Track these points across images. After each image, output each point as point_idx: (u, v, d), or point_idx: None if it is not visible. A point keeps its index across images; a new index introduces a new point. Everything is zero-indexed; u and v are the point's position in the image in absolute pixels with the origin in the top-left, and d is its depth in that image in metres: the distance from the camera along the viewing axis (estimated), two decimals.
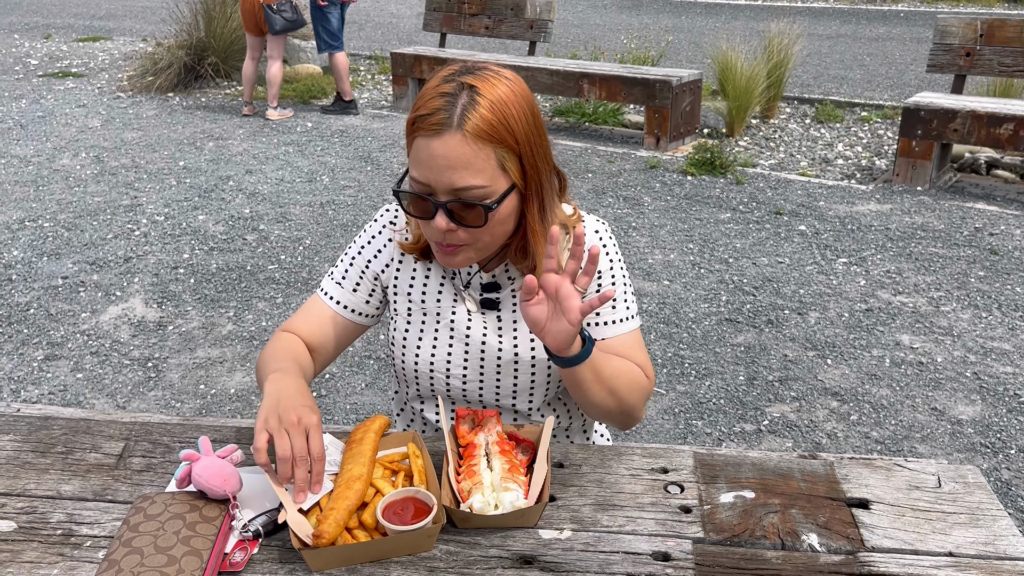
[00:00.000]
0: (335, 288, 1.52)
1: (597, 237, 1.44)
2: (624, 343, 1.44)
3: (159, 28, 11.39)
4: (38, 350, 3.62)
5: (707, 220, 5.01)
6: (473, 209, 1.25)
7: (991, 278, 4.18)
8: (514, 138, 1.24)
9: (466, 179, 1.22)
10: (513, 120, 1.24)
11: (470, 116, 1.20)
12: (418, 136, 1.24)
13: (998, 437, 2.95)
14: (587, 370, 1.29)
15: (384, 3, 16.23)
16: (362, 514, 1.19)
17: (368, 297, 1.51)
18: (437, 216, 1.25)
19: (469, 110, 1.21)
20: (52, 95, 8.50)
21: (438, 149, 1.21)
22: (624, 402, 1.37)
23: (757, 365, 3.44)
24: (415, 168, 1.25)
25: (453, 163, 1.21)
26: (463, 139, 1.20)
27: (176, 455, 1.39)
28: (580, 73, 6.77)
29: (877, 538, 1.20)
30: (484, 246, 1.32)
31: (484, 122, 1.21)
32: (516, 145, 1.25)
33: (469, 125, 1.20)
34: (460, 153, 1.21)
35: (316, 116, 7.71)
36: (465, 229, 1.27)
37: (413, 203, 1.28)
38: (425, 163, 1.23)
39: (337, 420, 3.13)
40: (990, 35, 5.61)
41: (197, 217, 5.14)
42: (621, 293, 1.44)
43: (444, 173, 1.22)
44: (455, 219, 1.25)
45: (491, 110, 1.22)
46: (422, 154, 1.23)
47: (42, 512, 1.26)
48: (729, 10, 14.79)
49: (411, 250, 1.45)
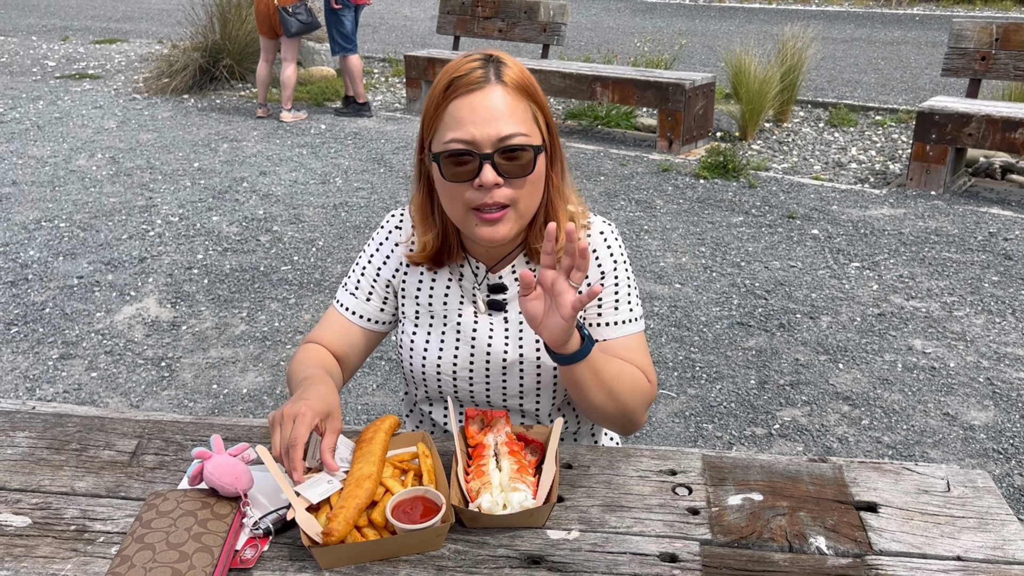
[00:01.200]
0: (349, 299, 1.54)
1: (603, 238, 1.45)
2: (626, 345, 1.44)
3: (175, 30, 11.47)
4: (53, 349, 3.65)
5: (719, 223, 5.00)
6: (518, 158, 1.29)
7: (1005, 283, 4.15)
8: (541, 100, 1.34)
9: (512, 126, 1.28)
10: (536, 86, 1.35)
11: (506, 72, 1.31)
12: (456, 98, 1.29)
13: (1011, 443, 2.94)
14: (586, 370, 1.30)
15: (398, 6, 16.29)
16: (371, 513, 1.20)
17: (383, 305, 1.53)
18: (484, 170, 1.27)
19: (503, 68, 1.31)
20: (69, 96, 8.58)
21: (482, 101, 1.28)
22: (624, 406, 1.38)
23: (768, 369, 3.44)
24: (454, 130, 1.29)
25: (498, 113, 1.28)
26: (505, 90, 1.29)
27: (188, 453, 1.41)
28: (593, 76, 6.77)
29: (885, 541, 1.20)
30: (524, 209, 1.33)
31: (519, 77, 1.32)
32: (543, 107, 1.34)
33: (508, 79, 1.30)
34: (504, 103, 1.28)
35: (330, 118, 7.74)
36: (510, 184, 1.29)
37: (455, 165, 1.29)
38: (468, 119, 1.28)
39: (348, 421, 3.15)
40: (1005, 39, 5.58)
41: (211, 218, 5.17)
42: (625, 295, 1.45)
43: (490, 124, 1.27)
44: (501, 172, 1.28)
45: (520, 72, 1.33)
46: (463, 112, 1.28)
47: (56, 508, 1.28)
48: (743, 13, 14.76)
49: (419, 260, 1.46)
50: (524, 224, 1.36)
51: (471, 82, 1.28)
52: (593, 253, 1.44)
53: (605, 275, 1.44)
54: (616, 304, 1.44)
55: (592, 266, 1.44)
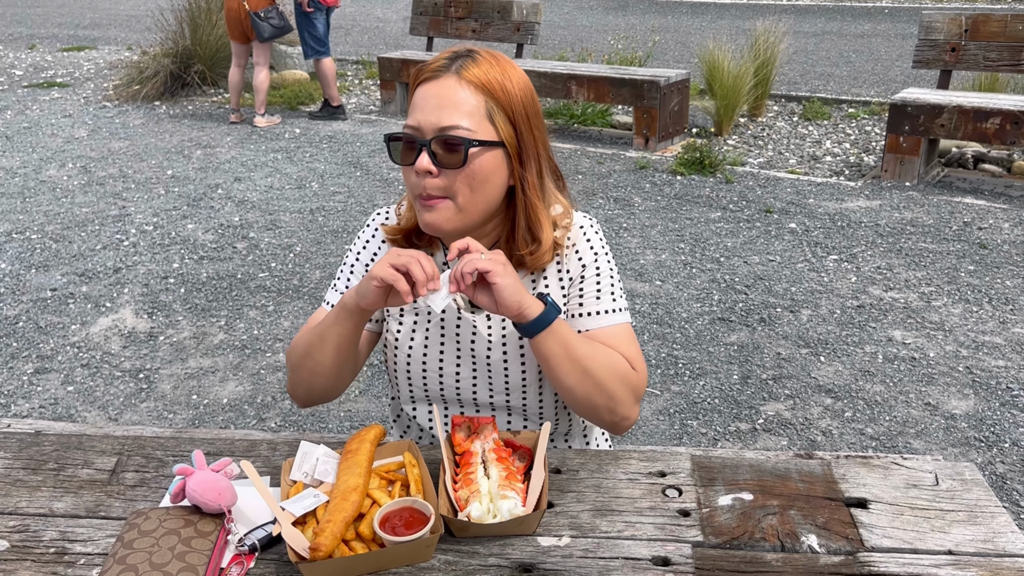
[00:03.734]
0: (337, 297, 1.51)
1: (582, 232, 1.45)
2: (611, 334, 1.41)
3: (144, 36, 11.34)
4: (28, 364, 3.59)
5: (697, 220, 5.01)
6: (454, 150, 1.29)
7: (981, 272, 4.19)
8: (508, 99, 1.32)
9: (452, 118, 1.28)
10: (509, 85, 1.33)
11: (466, 66, 1.32)
12: (419, 84, 1.33)
13: (992, 431, 2.96)
14: (554, 343, 1.30)
15: (370, 7, 16.21)
16: (359, 525, 1.18)
17: None
18: (420, 156, 1.29)
19: (467, 62, 1.32)
20: (38, 106, 8.45)
21: (432, 90, 1.31)
22: (604, 388, 1.33)
23: (751, 364, 3.45)
24: (409, 116, 1.33)
25: (443, 102, 1.29)
26: (456, 81, 1.30)
27: (169, 469, 1.38)
28: (568, 75, 6.77)
29: (876, 538, 1.19)
30: (464, 203, 1.32)
31: (479, 72, 1.31)
32: (510, 107, 1.32)
33: (464, 72, 1.31)
34: (451, 93, 1.29)
35: (304, 122, 7.69)
36: (445, 174, 1.30)
37: (401, 148, 1.33)
38: (418, 106, 1.31)
39: (332, 428, 3.12)
40: (975, 30, 5.64)
41: (186, 226, 5.11)
42: (608, 285, 1.44)
43: (434, 112, 1.29)
44: (436, 161, 1.29)
45: (487, 68, 1.32)
46: (419, 98, 1.32)
47: (35, 530, 1.25)
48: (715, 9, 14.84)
49: (395, 233, 1.45)
50: (469, 220, 1.34)
51: (431, 71, 1.32)
52: (573, 247, 1.44)
53: (586, 267, 1.43)
54: (598, 294, 1.43)
55: (572, 260, 1.44)
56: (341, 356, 1.39)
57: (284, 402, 3.28)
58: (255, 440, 1.46)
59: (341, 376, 1.44)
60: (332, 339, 1.37)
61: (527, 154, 1.36)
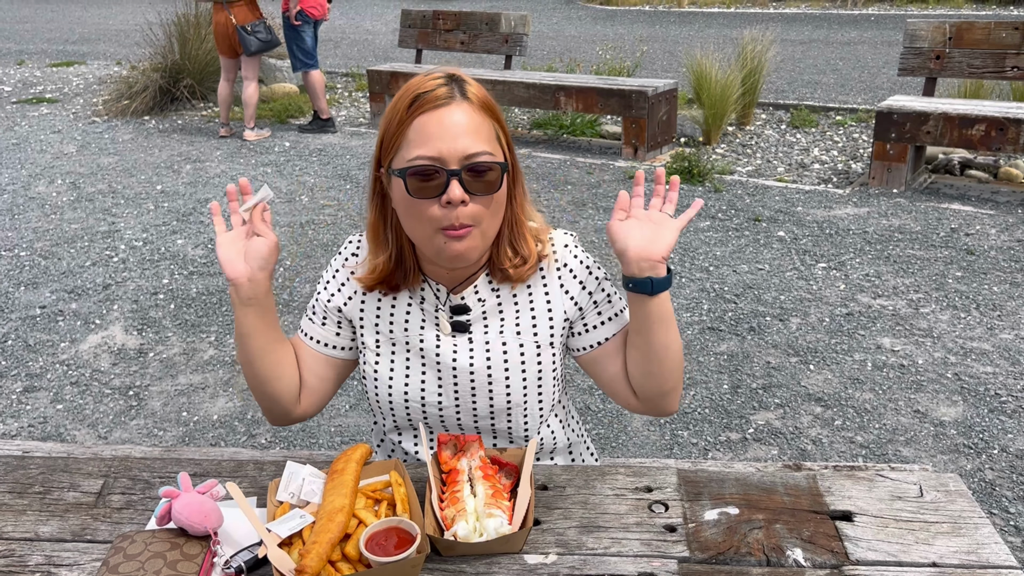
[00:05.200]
0: (308, 323, 1.52)
1: (568, 250, 1.46)
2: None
3: (133, 51, 11.33)
4: (16, 382, 3.57)
5: (686, 228, 5.03)
6: (484, 176, 1.28)
7: (968, 278, 4.22)
8: (500, 119, 1.35)
9: (478, 144, 1.28)
10: (496, 105, 1.36)
11: (470, 90, 1.31)
12: (422, 114, 1.28)
13: (980, 438, 2.98)
14: (663, 306, 1.35)
15: (359, 20, 16.25)
16: (345, 546, 1.18)
17: (337, 330, 1.50)
18: (451, 186, 1.26)
19: (467, 87, 1.32)
20: (26, 122, 8.44)
21: (449, 118, 1.27)
22: (677, 364, 1.40)
23: (741, 373, 3.45)
24: (420, 146, 1.27)
25: (466, 129, 1.28)
26: (471, 107, 1.30)
27: (156, 491, 1.38)
28: (556, 86, 6.80)
29: (861, 551, 1.20)
30: (487, 228, 1.32)
31: (482, 96, 1.33)
32: (502, 126, 1.35)
33: (472, 97, 1.31)
34: (470, 120, 1.28)
35: (294, 135, 7.69)
36: (476, 201, 1.28)
37: (421, 181, 1.27)
38: (435, 135, 1.26)
39: (321, 444, 3.11)
40: (959, 38, 5.69)
41: (176, 241, 5.10)
42: (611, 288, 1.47)
43: (458, 140, 1.26)
44: (468, 189, 1.28)
45: (482, 90, 1.34)
46: (430, 127, 1.27)
47: (20, 555, 1.24)
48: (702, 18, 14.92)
49: (369, 283, 1.43)
50: (487, 245, 1.35)
51: (437, 98, 1.27)
52: (567, 268, 1.45)
53: (586, 283, 1.45)
54: (609, 299, 1.46)
55: (569, 281, 1.45)
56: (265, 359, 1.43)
57: None
58: (242, 460, 1.46)
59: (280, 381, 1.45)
60: (243, 339, 1.41)
61: (516, 172, 1.39)
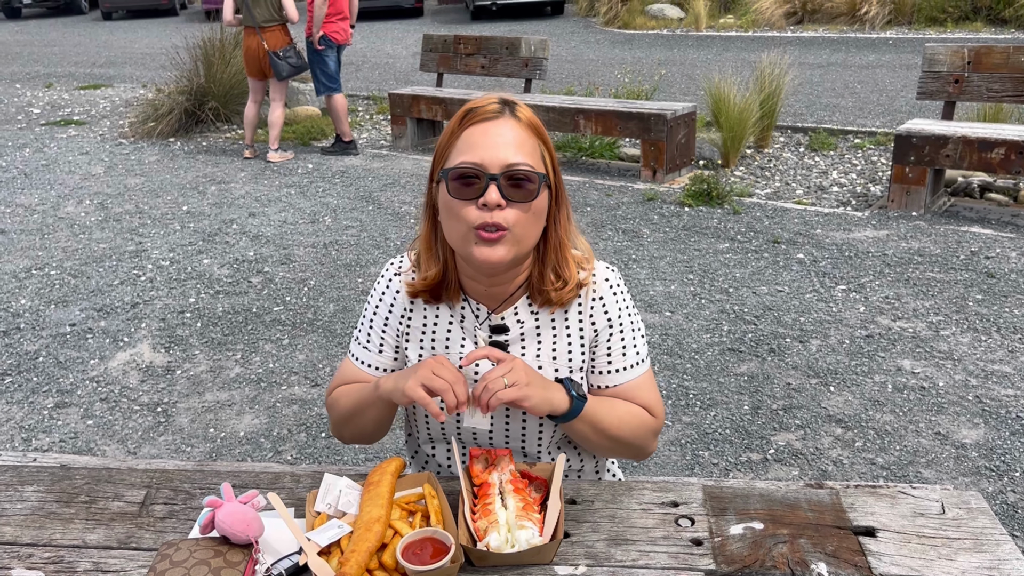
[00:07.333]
0: (363, 351, 1.57)
1: (608, 285, 1.50)
2: (636, 386, 1.52)
3: (159, 74, 11.55)
4: (48, 398, 3.65)
5: (706, 251, 5.07)
6: (522, 185, 1.36)
7: (989, 301, 4.22)
8: (547, 142, 1.44)
9: (519, 155, 1.37)
10: (545, 131, 1.46)
11: (520, 111, 1.43)
12: (472, 125, 1.40)
13: (1002, 460, 2.98)
14: (583, 426, 1.43)
15: (380, 44, 16.46)
16: (382, 555, 1.22)
17: (395, 354, 1.56)
18: (489, 189, 1.34)
19: (517, 108, 1.43)
20: (55, 143, 8.61)
21: (495, 128, 1.38)
22: (630, 445, 1.50)
23: (761, 394, 3.47)
24: (466, 153, 1.38)
25: (509, 141, 1.38)
26: (517, 123, 1.40)
27: (197, 501, 1.43)
28: (576, 109, 6.87)
29: (884, 565, 1.23)
30: (520, 237, 1.38)
31: (532, 118, 1.44)
32: (549, 149, 1.44)
33: (521, 116, 1.42)
34: (515, 134, 1.39)
35: (317, 157, 7.80)
36: (512, 207, 1.36)
37: (462, 184, 1.37)
38: (480, 143, 1.37)
39: (347, 460, 3.16)
40: (977, 62, 5.71)
41: (202, 261, 5.19)
42: (631, 340, 1.51)
43: (500, 149, 1.36)
44: (505, 195, 1.36)
45: (530, 113, 1.45)
46: (476, 137, 1.38)
47: (69, 561, 1.29)
48: (720, 41, 15.00)
49: (420, 288, 1.49)
50: (520, 254, 1.40)
51: (486, 113, 1.39)
52: (600, 300, 1.50)
53: (612, 324, 1.50)
54: (624, 350, 1.51)
55: (599, 313, 1.49)
56: (381, 424, 1.55)
57: (300, 435, 3.32)
58: (278, 472, 1.51)
59: (383, 430, 1.59)
60: (371, 415, 1.51)
61: (561, 195, 1.46)
